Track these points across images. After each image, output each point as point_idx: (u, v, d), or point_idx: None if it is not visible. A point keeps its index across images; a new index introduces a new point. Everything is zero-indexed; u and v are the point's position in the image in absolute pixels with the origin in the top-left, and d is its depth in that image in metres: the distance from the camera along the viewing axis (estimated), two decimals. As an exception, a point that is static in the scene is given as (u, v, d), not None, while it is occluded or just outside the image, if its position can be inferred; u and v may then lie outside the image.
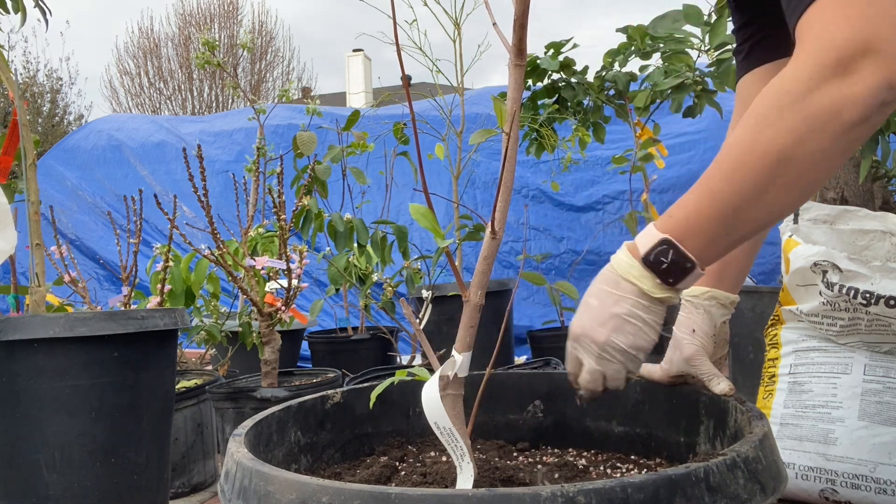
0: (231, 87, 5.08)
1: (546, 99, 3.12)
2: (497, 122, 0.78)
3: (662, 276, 0.77)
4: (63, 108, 14.41)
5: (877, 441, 1.43)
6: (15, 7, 1.92)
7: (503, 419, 1.09)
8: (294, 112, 5.41)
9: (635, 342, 0.79)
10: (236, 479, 0.68)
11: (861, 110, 0.66)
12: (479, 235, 2.12)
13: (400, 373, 0.85)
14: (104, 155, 5.63)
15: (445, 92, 2.92)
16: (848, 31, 0.66)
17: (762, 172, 0.71)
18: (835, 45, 0.67)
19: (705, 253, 0.76)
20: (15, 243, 1.53)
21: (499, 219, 0.78)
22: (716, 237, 0.75)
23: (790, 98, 0.69)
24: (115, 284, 4.81)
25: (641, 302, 0.78)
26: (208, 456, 2.03)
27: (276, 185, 1.85)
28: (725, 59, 2.55)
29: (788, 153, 0.69)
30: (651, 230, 0.78)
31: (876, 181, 2.74)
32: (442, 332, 2.59)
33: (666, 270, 0.76)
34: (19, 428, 1.31)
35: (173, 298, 2.36)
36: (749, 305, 2.07)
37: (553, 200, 4.56)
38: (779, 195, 0.72)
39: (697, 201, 0.75)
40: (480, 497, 0.55)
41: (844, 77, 0.66)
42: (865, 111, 0.67)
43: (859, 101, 0.66)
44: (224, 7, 17.70)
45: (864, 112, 0.67)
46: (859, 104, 0.66)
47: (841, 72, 0.66)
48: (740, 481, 0.62)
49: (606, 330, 0.79)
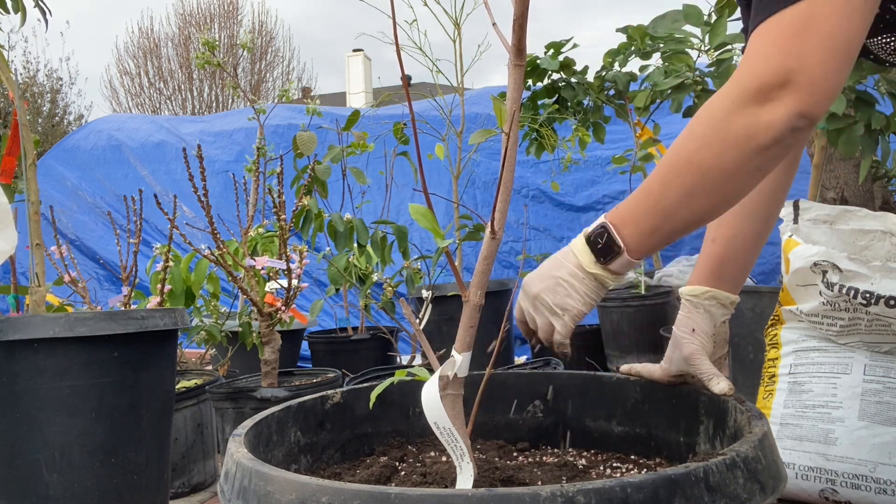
0: (231, 87, 5.08)
1: (546, 99, 3.12)
2: (497, 122, 0.78)
3: (596, 254, 0.87)
4: (63, 108, 14.42)
5: (877, 441, 1.43)
6: (15, 7, 1.92)
7: (503, 419, 1.09)
8: (294, 112, 5.41)
9: (561, 301, 0.90)
10: (236, 480, 0.68)
11: (773, 134, 0.75)
12: (479, 235, 2.12)
13: (400, 373, 0.85)
14: (104, 155, 5.63)
15: (445, 92, 2.92)
16: (773, 62, 0.74)
17: (688, 180, 0.80)
18: (759, 73, 0.75)
19: (637, 242, 0.85)
20: (15, 243, 1.53)
21: (498, 219, 0.78)
22: (649, 230, 0.84)
23: (716, 118, 0.79)
24: (115, 284, 4.81)
25: (576, 272, 0.89)
26: (208, 456, 2.03)
27: (276, 185, 1.85)
28: (725, 59, 2.55)
29: (708, 165, 0.79)
30: (601, 217, 0.89)
31: (876, 181, 2.74)
32: (442, 332, 2.59)
33: (600, 250, 0.87)
34: (19, 428, 1.31)
35: (173, 298, 2.36)
36: (749, 305, 2.06)
37: (553, 200, 4.56)
38: (701, 201, 0.81)
39: (637, 197, 0.86)
40: (480, 497, 0.55)
41: (763, 104, 0.75)
42: (777, 135, 0.75)
43: (773, 126, 0.75)
44: (224, 7, 17.71)
45: (776, 136, 0.75)
46: (772, 129, 0.75)
47: (760, 99, 0.75)
48: (740, 481, 0.62)
49: (542, 285, 0.92)
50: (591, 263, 0.88)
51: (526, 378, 1.11)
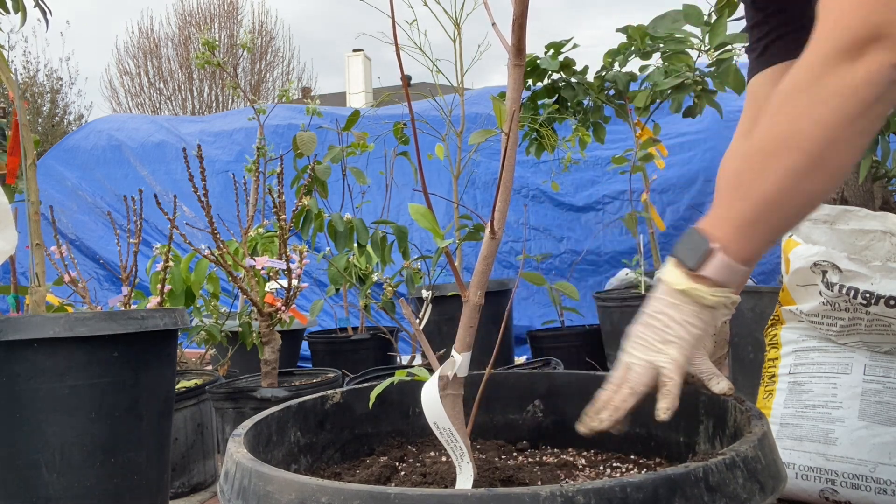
0: (231, 87, 5.08)
1: (546, 99, 3.12)
2: (497, 122, 0.78)
3: (685, 262, 0.76)
4: (63, 108, 14.42)
5: (877, 441, 1.43)
6: (15, 7, 1.92)
7: (503, 419, 1.09)
8: (294, 112, 5.41)
9: (659, 336, 0.76)
10: (236, 480, 0.68)
11: (875, 90, 0.70)
12: (479, 235, 2.12)
13: (399, 373, 0.85)
14: (104, 155, 5.63)
15: (445, 92, 2.92)
16: (861, 15, 0.69)
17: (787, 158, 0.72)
18: (848, 28, 0.70)
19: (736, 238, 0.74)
20: (16, 244, 1.53)
21: (498, 219, 0.78)
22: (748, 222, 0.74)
23: (806, 82, 0.72)
24: (115, 284, 4.81)
25: (666, 298, 0.77)
26: (208, 456, 2.03)
27: (276, 185, 1.85)
28: (725, 59, 2.55)
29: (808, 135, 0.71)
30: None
31: (876, 181, 2.74)
32: (442, 332, 2.59)
33: (687, 256, 0.76)
34: (19, 428, 1.31)
35: (173, 298, 2.36)
36: (749, 305, 2.06)
37: (553, 200, 4.56)
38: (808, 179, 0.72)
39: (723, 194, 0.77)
40: (479, 497, 0.55)
41: (856, 60, 0.69)
42: (879, 90, 0.70)
43: (872, 80, 0.69)
44: (224, 7, 17.71)
45: (877, 91, 0.70)
46: (872, 84, 0.69)
47: (854, 54, 0.69)
48: (739, 481, 0.62)
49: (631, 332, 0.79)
50: (681, 278, 0.76)
51: (526, 378, 1.11)
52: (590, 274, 4.30)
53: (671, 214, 4.23)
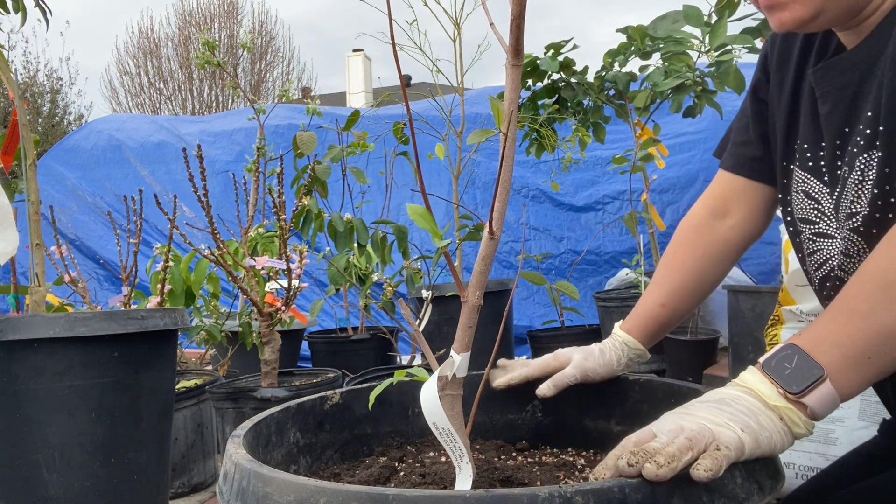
0: (231, 87, 5.07)
1: (546, 99, 3.12)
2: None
3: (782, 382, 0.66)
4: (63, 108, 14.42)
5: (876, 441, 1.43)
6: (15, 7, 1.92)
7: (502, 419, 1.09)
8: (294, 112, 5.42)
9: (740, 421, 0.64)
10: (234, 481, 0.68)
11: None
12: (479, 235, 2.12)
13: (399, 373, 0.85)
14: (104, 155, 5.63)
15: (445, 92, 2.92)
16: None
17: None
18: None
19: (845, 371, 0.66)
20: (16, 244, 1.53)
21: (496, 219, 0.78)
22: (858, 356, 0.66)
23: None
24: (115, 284, 4.81)
25: (754, 402, 0.66)
26: (208, 456, 2.03)
27: (276, 185, 1.85)
28: (725, 60, 2.55)
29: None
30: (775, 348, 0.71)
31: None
32: (442, 333, 2.59)
33: (789, 377, 0.66)
34: (19, 428, 1.31)
35: (173, 298, 2.36)
36: (749, 305, 2.07)
37: (553, 200, 4.56)
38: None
39: (833, 318, 0.69)
40: (478, 498, 0.55)
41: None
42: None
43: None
44: (224, 7, 17.71)
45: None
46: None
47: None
48: (738, 480, 0.62)
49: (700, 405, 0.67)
50: (775, 395, 0.66)
51: (525, 378, 1.11)
52: (590, 274, 4.31)
53: (671, 214, 4.23)
